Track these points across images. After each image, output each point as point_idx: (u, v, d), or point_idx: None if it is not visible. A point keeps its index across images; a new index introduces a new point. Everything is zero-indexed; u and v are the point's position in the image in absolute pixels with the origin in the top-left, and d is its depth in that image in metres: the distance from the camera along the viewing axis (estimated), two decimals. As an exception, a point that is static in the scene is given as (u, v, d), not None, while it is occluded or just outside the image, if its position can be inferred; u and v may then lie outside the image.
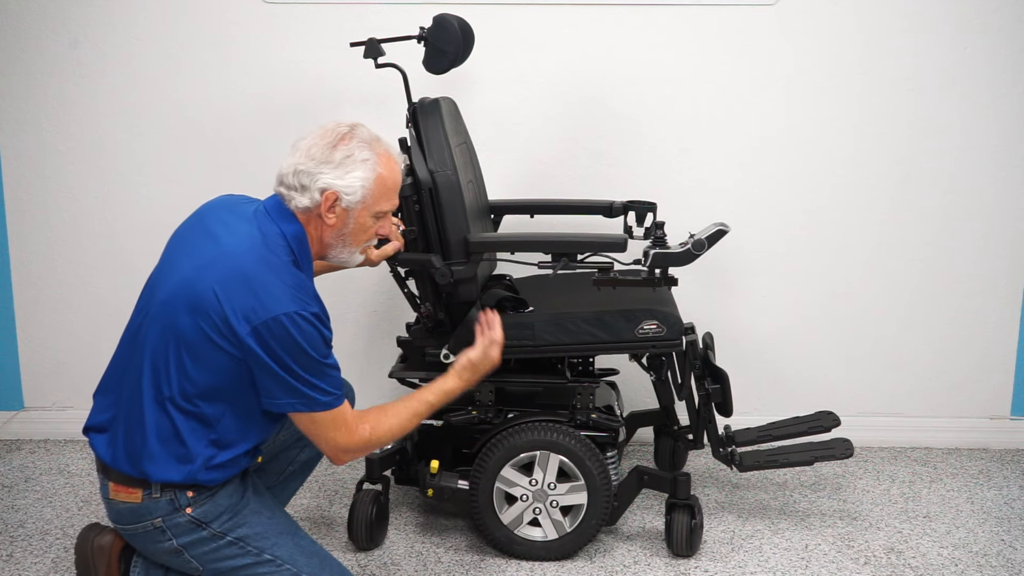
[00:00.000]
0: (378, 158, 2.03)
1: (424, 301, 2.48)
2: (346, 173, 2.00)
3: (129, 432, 1.97)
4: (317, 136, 2.04)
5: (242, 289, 1.89)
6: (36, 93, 3.09)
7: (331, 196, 1.99)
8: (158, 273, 2.04)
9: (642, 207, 2.76)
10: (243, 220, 2.01)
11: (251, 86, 3.07)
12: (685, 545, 2.51)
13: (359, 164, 2.01)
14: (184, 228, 2.09)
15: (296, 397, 1.93)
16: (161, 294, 1.97)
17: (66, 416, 3.26)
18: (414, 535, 2.64)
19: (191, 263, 1.95)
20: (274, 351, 1.88)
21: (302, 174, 1.99)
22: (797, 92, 3.07)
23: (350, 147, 2.01)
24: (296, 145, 2.04)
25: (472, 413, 2.51)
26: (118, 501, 2.00)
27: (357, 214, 2.04)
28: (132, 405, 1.97)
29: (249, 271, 1.90)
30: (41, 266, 3.20)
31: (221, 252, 1.94)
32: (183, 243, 2.04)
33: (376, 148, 2.04)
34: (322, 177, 1.99)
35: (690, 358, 2.57)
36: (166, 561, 2.04)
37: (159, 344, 1.94)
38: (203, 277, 1.91)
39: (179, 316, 1.91)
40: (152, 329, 1.95)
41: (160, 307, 1.95)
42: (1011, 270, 3.18)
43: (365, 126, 2.08)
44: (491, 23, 2.94)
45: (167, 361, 1.93)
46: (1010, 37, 3.02)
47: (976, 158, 3.10)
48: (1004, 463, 3.13)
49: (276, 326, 1.87)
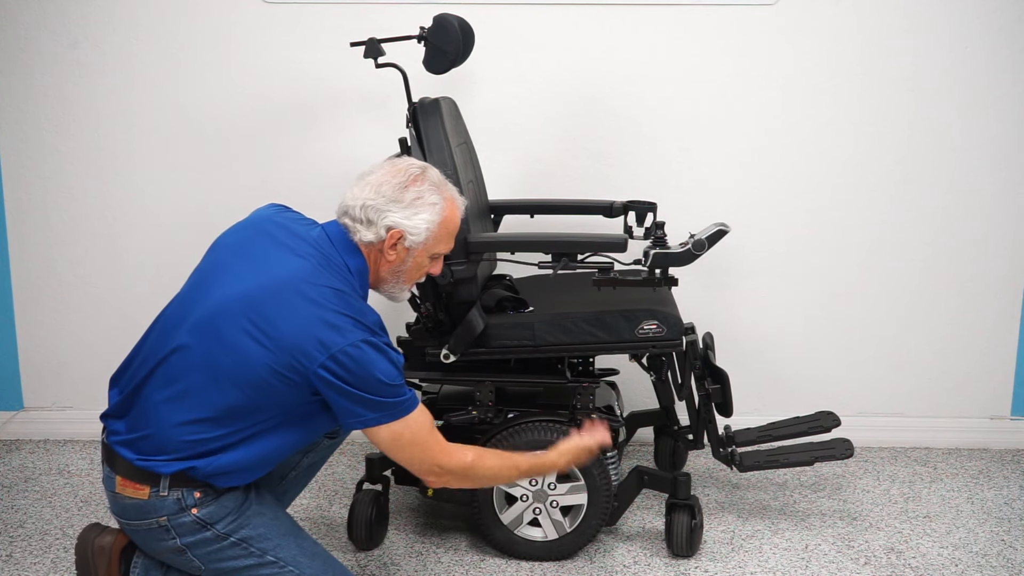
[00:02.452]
0: (445, 203, 2.07)
1: (424, 301, 2.48)
2: (414, 214, 2.02)
3: (156, 427, 1.95)
4: (388, 173, 2.05)
5: (316, 324, 1.88)
6: (36, 93, 3.09)
7: (396, 234, 2.02)
8: (208, 276, 2.02)
9: (642, 207, 2.76)
10: (307, 244, 2.01)
11: (251, 86, 3.07)
12: (685, 545, 2.51)
13: (428, 207, 2.04)
14: (236, 236, 2.07)
15: (382, 410, 1.92)
16: (217, 301, 1.95)
17: (66, 416, 3.26)
18: (414, 535, 2.64)
19: (255, 281, 1.94)
20: (349, 378, 1.88)
21: (370, 209, 2.01)
22: (797, 92, 3.07)
23: (421, 189, 2.04)
24: (364, 179, 2.06)
25: (472, 413, 2.50)
26: (124, 496, 1.99)
27: (417, 254, 2.07)
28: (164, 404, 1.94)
29: (322, 305, 1.90)
30: (41, 266, 3.20)
31: (291, 278, 1.93)
32: (240, 253, 2.02)
33: (444, 192, 2.08)
34: (390, 215, 2.01)
35: (690, 358, 2.57)
36: (168, 559, 2.04)
37: (212, 353, 1.92)
38: (273, 303, 1.90)
39: (240, 333, 1.90)
40: (202, 334, 1.93)
41: (215, 314, 1.93)
42: (1011, 270, 3.18)
43: (435, 169, 2.11)
44: (491, 23, 2.94)
45: (217, 372, 1.91)
46: (1010, 37, 3.02)
47: (976, 158, 3.10)
48: (1004, 463, 3.13)
49: (348, 356, 1.87)
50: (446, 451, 2.02)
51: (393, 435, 1.96)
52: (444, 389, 2.72)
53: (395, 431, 1.95)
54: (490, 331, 2.43)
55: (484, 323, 2.42)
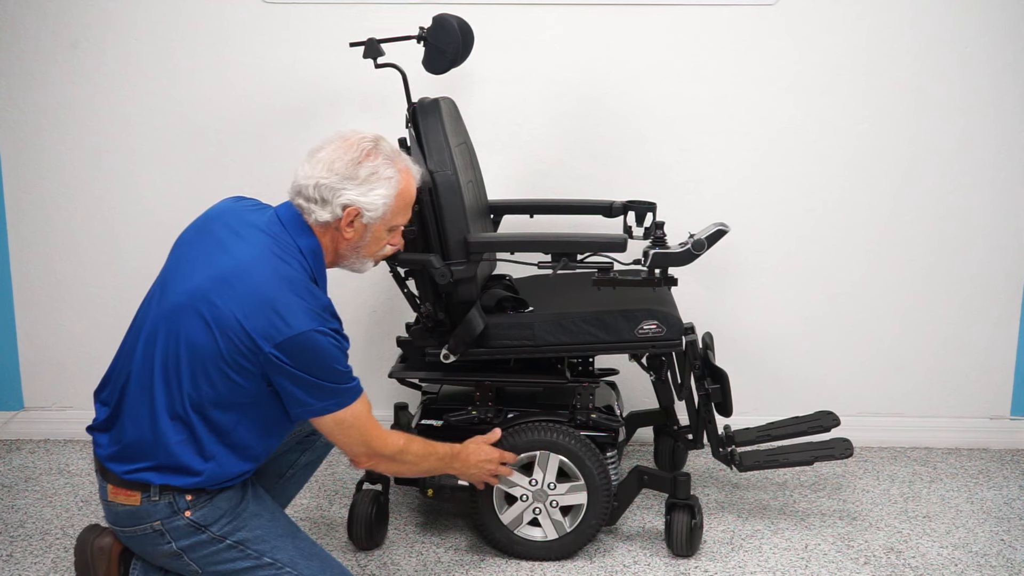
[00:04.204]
0: (400, 175, 2.04)
1: (424, 301, 2.48)
2: (370, 190, 1.99)
3: (137, 434, 1.96)
4: (340, 149, 2.01)
5: (264, 311, 1.88)
6: (36, 93, 3.09)
7: (352, 212, 1.99)
8: (167, 276, 2.01)
9: (642, 207, 2.76)
10: (256, 230, 1.99)
11: (250, 86, 3.07)
12: (685, 545, 2.51)
13: (383, 182, 2.01)
14: (192, 232, 2.06)
15: (330, 398, 1.95)
16: (172, 298, 1.95)
17: (66, 416, 3.26)
18: (414, 535, 2.64)
19: (205, 272, 1.93)
20: (297, 365, 1.89)
21: (324, 188, 1.98)
22: (797, 92, 3.06)
23: (375, 164, 2.00)
24: (315, 156, 2.01)
25: (472, 413, 2.50)
26: (116, 503, 1.99)
27: (375, 229, 2.05)
28: (140, 409, 1.95)
29: (270, 292, 1.89)
30: (41, 266, 3.20)
31: (238, 266, 1.92)
32: (193, 248, 2.02)
33: (398, 164, 2.04)
34: (346, 193, 1.98)
35: (690, 358, 2.57)
36: (165, 564, 2.04)
37: (170, 351, 1.92)
38: (221, 293, 1.90)
39: (193, 326, 1.90)
40: (162, 333, 1.94)
41: (171, 312, 1.94)
42: (1011, 270, 3.18)
43: (386, 139, 2.07)
44: (491, 23, 2.94)
45: (179, 369, 1.92)
46: (1010, 37, 3.02)
47: (976, 158, 3.10)
48: (1004, 463, 3.13)
49: (298, 344, 1.87)
50: (381, 436, 2.06)
51: (337, 421, 1.98)
52: (444, 389, 2.72)
53: (339, 418, 1.97)
54: (490, 331, 2.43)
55: (484, 323, 2.42)
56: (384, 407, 3.12)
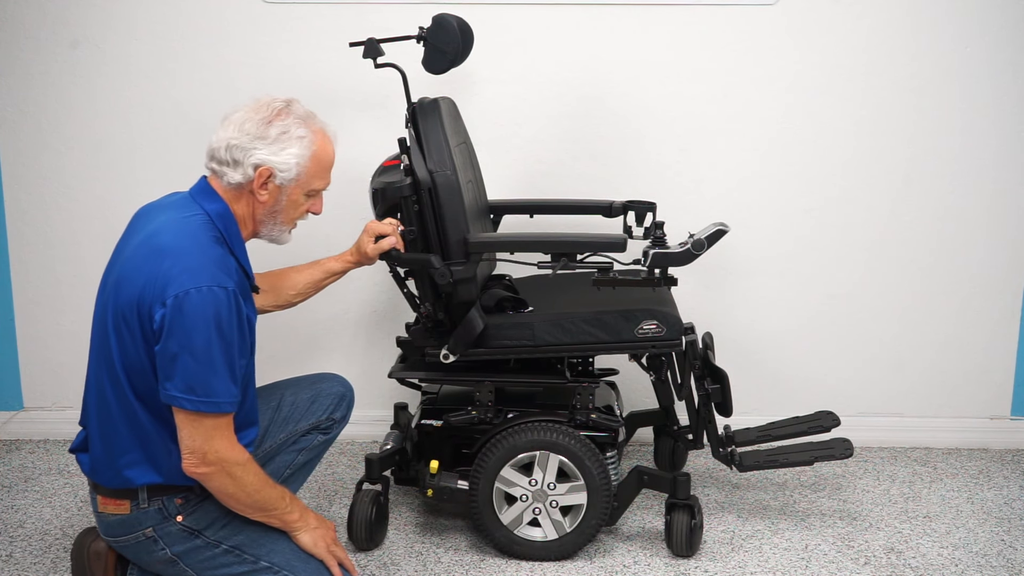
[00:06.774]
0: (314, 135, 2.01)
1: (424, 301, 2.47)
2: (281, 150, 1.97)
3: (105, 442, 1.96)
4: (251, 110, 2.00)
5: (157, 264, 1.84)
6: (36, 93, 3.09)
7: (264, 172, 1.96)
8: (101, 286, 2.02)
9: (642, 207, 2.76)
10: (165, 209, 2.00)
11: (250, 86, 3.06)
12: (685, 545, 2.51)
13: (295, 141, 1.98)
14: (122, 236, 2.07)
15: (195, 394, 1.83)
16: (101, 303, 1.97)
17: (66, 416, 3.26)
18: (414, 535, 2.64)
19: (120, 266, 1.95)
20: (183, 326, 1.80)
21: (235, 148, 1.96)
22: (797, 92, 3.06)
23: (286, 123, 1.98)
24: (228, 118, 2.00)
25: (472, 413, 2.50)
26: (107, 514, 1.99)
27: (290, 191, 2.01)
28: (101, 414, 1.97)
29: (165, 248, 1.87)
30: (40, 266, 3.20)
31: (138, 242, 1.92)
32: (117, 251, 2.03)
33: (312, 125, 2.02)
34: (256, 153, 1.96)
35: (690, 358, 2.57)
36: (162, 571, 2.03)
37: (109, 349, 1.92)
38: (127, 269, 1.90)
39: (119, 317, 1.90)
40: (101, 338, 1.95)
41: (103, 314, 1.95)
42: (1011, 270, 3.18)
43: (300, 102, 2.04)
44: (491, 23, 2.94)
45: (112, 364, 1.92)
46: (1010, 37, 3.02)
47: (976, 158, 3.10)
48: (1004, 463, 3.13)
49: (188, 300, 1.81)
50: (231, 441, 1.91)
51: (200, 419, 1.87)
52: (444, 389, 2.72)
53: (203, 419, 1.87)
54: (490, 331, 2.44)
55: (484, 323, 2.42)
56: (384, 407, 3.13)
